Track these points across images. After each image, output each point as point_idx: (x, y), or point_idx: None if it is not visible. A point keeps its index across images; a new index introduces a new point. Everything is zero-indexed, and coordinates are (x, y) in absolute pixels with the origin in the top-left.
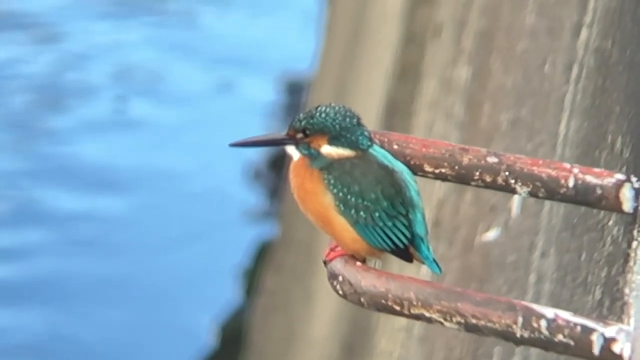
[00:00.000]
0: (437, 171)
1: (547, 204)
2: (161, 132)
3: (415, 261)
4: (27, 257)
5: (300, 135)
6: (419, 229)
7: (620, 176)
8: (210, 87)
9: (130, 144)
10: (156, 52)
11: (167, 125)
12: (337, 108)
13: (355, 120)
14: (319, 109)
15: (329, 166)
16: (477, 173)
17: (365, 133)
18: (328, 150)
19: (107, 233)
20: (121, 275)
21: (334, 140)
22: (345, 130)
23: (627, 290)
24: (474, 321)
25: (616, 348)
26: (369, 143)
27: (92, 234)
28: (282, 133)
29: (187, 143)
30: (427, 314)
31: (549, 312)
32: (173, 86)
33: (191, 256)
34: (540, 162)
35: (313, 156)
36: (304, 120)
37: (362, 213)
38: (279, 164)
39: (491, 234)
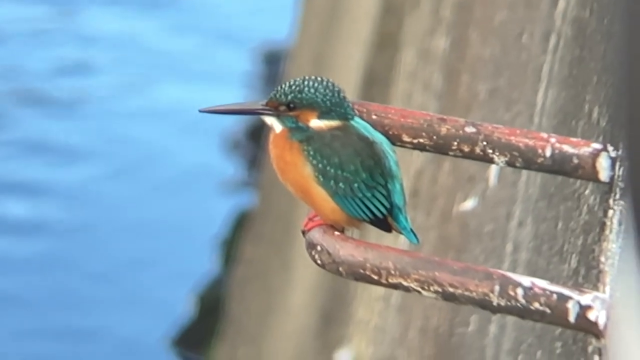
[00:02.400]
0: (415, 141)
1: (524, 173)
2: (136, 101)
3: (393, 231)
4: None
5: (283, 108)
6: (398, 199)
7: (596, 145)
8: (187, 56)
9: (105, 114)
10: (130, 20)
11: (142, 95)
12: (324, 82)
13: (342, 94)
14: (307, 83)
15: (309, 138)
16: (455, 143)
17: (350, 105)
18: (318, 124)
19: (82, 204)
20: (99, 246)
21: (324, 115)
22: (335, 105)
23: (602, 259)
24: (451, 290)
25: (591, 315)
26: (353, 114)
27: (68, 206)
28: (260, 102)
29: (164, 113)
30: (405, 283)
31: (526, 280)
32: (149, 54)
33: (169, 226)
34: (518, 131)
35: (300, 129)
36: (290, 94)
37: (341, 184)
38: (258, 134)
39: (469, 204)
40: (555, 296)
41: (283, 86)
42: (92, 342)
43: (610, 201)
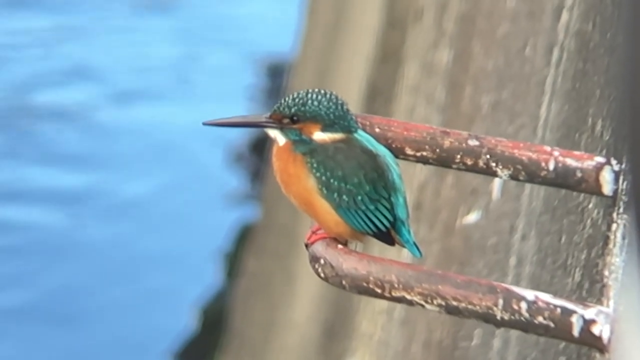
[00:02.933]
0: (418, 154)
1: (528, 187)
2: (140, 113)
3: (396, 244)
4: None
5: (287, 121)
6: (401, 213)
7: (600, 159)
8: (189, 68)
9: (109, 125)
10: (135, 31)
11: (147, 107)
12: (328, 95)
13: (346, 106)
14: (310, 96)
15: (313, 150)
16: (458, 156)
17: (354, 118)
18: (321, 136)
19: (80, 211)
20: (100, 256)
21: (328, 128)
22: (338, 118)
23: (606, 273)
24: (454, 303)
25: (595, 330)
26: (356, 127)
27: (68, 214)
28: (263, 115)
29: (168, 125)
30: (408, 297)
31: (529, 294)
32: (150, 65)
33: (172, 239)
34: (521, 145)
35: (304, 142)
36: (294, 107)
37: (344, 197)
38: (261, 146)
39: (472, 217)
40: (559, 310)
41: (287, 99)
42: (96, 354)
43: (614, 215)
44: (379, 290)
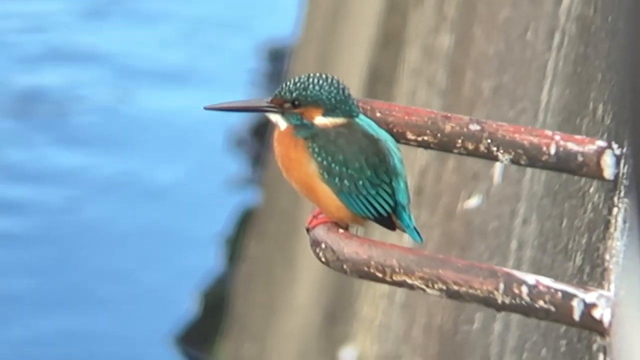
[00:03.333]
0: (419, 139)
1: (529, 171)
2: (142, 96)
3: (397, 229)
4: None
5: (288, 105)
6: (402, 197)
7: (601, 143)
8: (192, 53)
9: (107, 114)
10: (131, 20)
11: (146, 93)
12: (329, 80)
13: (347, 91)
14: (312, 80)
15: (314, 135)
16: (460, 141)
17: (355, 102)
18: (322, 121)
19: (85, 202)
20: (103, 244)
21: (329, 112)
22: (340, 102)
23: (607, 257)
24: (455, 288)
25: (596, 314)
26: (358, 111)
27: (80, 197)
28: (264, 100)
29: (168, 112)
30: (409, 281)
31: (530, 278)
32: (152, 51)
33: (174, 222)
34: (522, 129)
35: (305, 127)
36: (295, 91)
37: (346, 181)
38: (262, 131)
39: (473, 201)
40: (559, 294)
41: (288, 83)
42: (97, 340)
43: (615, 199)
44: (380, 275)
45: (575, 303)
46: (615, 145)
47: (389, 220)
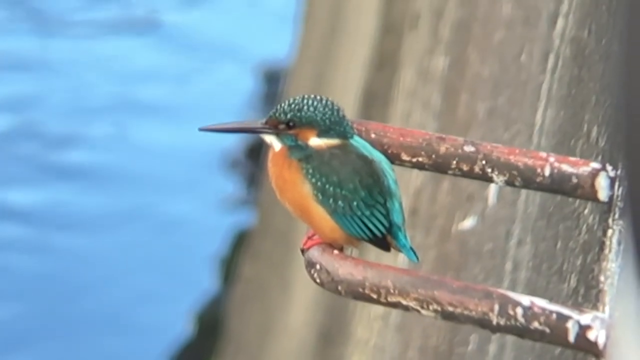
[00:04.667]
0: (414, 160)
1: (523, 192)
2: (139, 117)
3: (392, 250)
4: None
5: (282, 126)
6: (397, 218)
7: (595, 165)
8: (188, 75)
9: (108, 126)
10: (132, 41)
11: (144, 112)
12: (324, 101)
13: (341, 112)
14: (306, 102)
15: (308, 156)
16: (454, 162)
17: (350, 123)
18: (317, 142)
19: (81, 219)
20: (96, 264)
21: (323, 134)
22: (334, 123)
23: (602, 278)
24: (450, 309)
25: (591, 335)
26: (352, 132)
27: (66, 221)
28: (259, 121)
29: (164, 129)
30: (404, 302)
31: (525, 299)
32: (148, 72)
33: (168, 244)
34: (517, 151)
35: (299, 148)
36: (289, 112)
37: (340, 202)
38: (257, 152)
39: (468, 223)
40: (554, 316)
41: (282, 105)
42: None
43: (610, 221)
44: (374, 296)
45: (570, 325)
46: (609, 167)
47: (384, 241)
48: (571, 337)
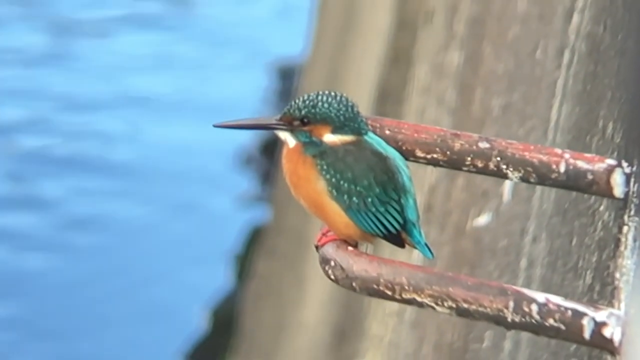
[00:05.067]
0: (429, 156)
1: (539, 189)
2: (154, 113)
3: (407, 246)
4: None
5: (297, 123)
6: (411, 214)
7: (611, 161)
8: (204, 71)
9: (124, 122)
10: (147, 36)
11: (160, 107)
12: (338, 97)
13: (356, 108)
14: (321, 98)
15: (323, 153)
16: (469, 158)
17: (364, 120)
18: (331, 138)
19: (95, 218)
20: (114, 262)
21: (338, 130)
22: (348, 120)
23: (617, 275)
24: (465, 306)
25: (607, 332)
26: (367, 129)
27: (83, 217)
28: (273, 118)
29: (180, 126)
30: (418, 299)
31: (540, 296)
32: (166, 68)
33: (183, 240)
34: (532, 147)
35: (314, 144)
36: (304, 109)
37: (354, 199)
38: (271, 149)
39: (482, 219)
40: (570, 312)
41: (297, 101)
42: (104, 356)
43: (625, 217)
44: (389, 293)
45: (585, 321)
46: (625, 164)
47: (398, 237)
48: (586, 334)
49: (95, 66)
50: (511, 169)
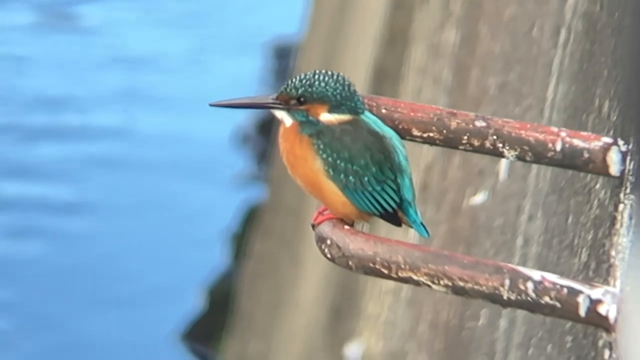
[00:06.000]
0: (425, 135)
1: (534, 167)
2: (150, 97)
3: (403, 225)
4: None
5: (293, 102)
6: (407, 193)
7: (607, 139)
8: (198, 51)
9: (122, 107)
10: (145, 24)
11: (154, 91)
12: (335, 76)
13: (352, 88)
14: (317, 77)
15: (319, 132)
16: (465, 137)
17: (361, 99)
18: (328, 118)
19: (95, 197)
20: (109, 238)
21: (334, 109)
22: (345, 99)
23: (613, 253)
24: (461, 284)
25: (602, 310)
26: (363, 108)
27: (81, 199)
28: (270, 96)
29: (176, 107)
30: (415, 277)
31: (536, 274)
32: (159, 47)
33: (179, 219)
34: (528, 126)
35: (310, 123)
36: (301, 88)
37: (351, 178)
38: (268, 128)
39: (479, 198)
40: (565, 290)
41: (293, 80)
42: (102, 336)
43: (621, 195)
44: (385, 271)
45: (581, 299)
46: (621, 142)
47: (395, 216)
48: (582, 312)
49: (88, 59)
50: (507, 148)
